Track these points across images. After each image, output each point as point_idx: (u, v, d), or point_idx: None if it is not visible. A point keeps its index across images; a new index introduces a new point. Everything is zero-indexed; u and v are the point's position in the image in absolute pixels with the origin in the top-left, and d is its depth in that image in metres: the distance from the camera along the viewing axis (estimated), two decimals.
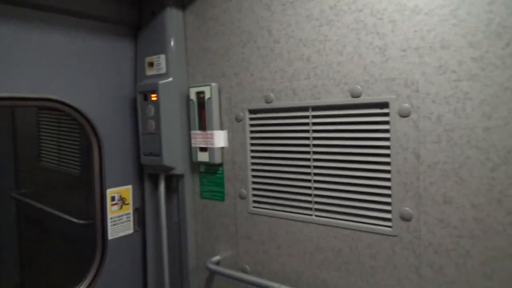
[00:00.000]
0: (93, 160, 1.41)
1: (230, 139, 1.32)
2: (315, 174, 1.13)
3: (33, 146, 2.31)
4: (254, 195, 1.28)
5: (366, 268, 1.04)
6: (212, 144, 1.32)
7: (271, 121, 1.21)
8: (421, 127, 0.93)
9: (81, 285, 1.39)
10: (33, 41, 1.21)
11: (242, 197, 1.30)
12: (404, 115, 0.95)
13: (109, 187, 1.44)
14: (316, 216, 1.13)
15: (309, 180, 1.14)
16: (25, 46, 1.19)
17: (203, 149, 1.36)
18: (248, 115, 1.26)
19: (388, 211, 1.00)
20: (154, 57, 1.41)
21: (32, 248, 2.38)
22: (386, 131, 0.99)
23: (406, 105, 0.95)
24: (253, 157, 1.27)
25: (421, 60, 0.92)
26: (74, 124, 1.92)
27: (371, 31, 0.99)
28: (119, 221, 1.48)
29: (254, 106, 1.24)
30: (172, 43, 1.38)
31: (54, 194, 2.21)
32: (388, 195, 1.00)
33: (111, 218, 1.45)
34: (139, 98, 1.41)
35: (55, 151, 2.15)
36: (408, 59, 0.94)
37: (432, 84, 0.91)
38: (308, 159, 1.14)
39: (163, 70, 1.39)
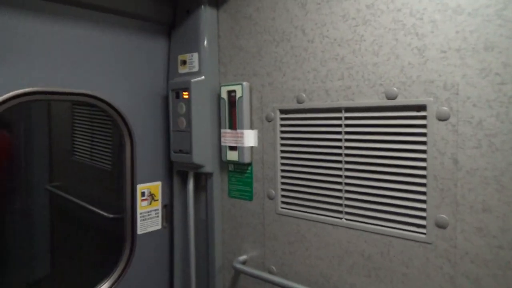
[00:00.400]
0: (125, 155, 1.44)
1: (260, 139, 1.31)
2: (346, 176, 1.11)
3: (67, 141, 2.38)
4: (283, 196, 1.27)
5: (398, 275, 1.01)
6: (242, 143, 1.32)
7: (302, 121, 1.20)
8: (460, 132, 0.90)
9: (110, 277, 1.42)
10: (71, 37, 1.25)
11: (270, 197, 1.29)
12: (442, 118, 0.92)
13: (140, 183, 1.46)
14: (346, 219, 1.11)
15: (340, 183, 1.12)
16: (63, 42, 1.23)
17: (232, 148, 1.36)
18: (279, 115, 1.25)
19: (423, 218, 0.97)
20: (187, 55, 1.42)
21: (62, 239, 2.45)
22: (423, 134, 0.96)
23: (445, 108, 0.91)
24: (282, 158, 1.26)
25: (463, 62, 0.89)
26: (107, 120, 1.96)
27: (410, 31, 0.96)
28: (148, 217, 1.51)
29: (285, 106, 1.23)
30: (205, 42, 1.39)
31: (86, 187, 2.27)
32: (423, 201, 0.96)
33: (141, 213, 1.48)
34: (171, 95, 1.43)
35: (88, 146, 2.21)
36: (448, 60, 0.91)
37: (474, 87, 0.87)
38: (340, 161, 1.12)
39: (196, 68, 1.40)
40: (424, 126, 0.95)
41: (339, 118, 1.11)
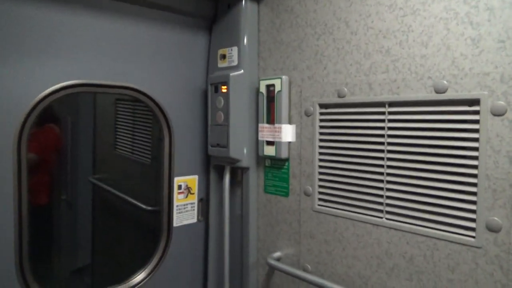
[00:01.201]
0: (164, 148, 1.47)
1: (298, 134, 1.29)
2: (388, 174, 1.05)
3: (109, 135, 2.46)
4: (320, 193, 1.23)
5: (443, 281, 0.95)
6: (280, 138, 1.30)
7: (343, 116, 1.16)
8: None
9: (146, 268, 1.44)
10: (115, 32, 1.28)
11: (307, 194, 1.26)
12: (497, 113, 0.85)
13: (177, 176, 1.48)
14: (387, 219, 1.06)
15: (381, 181, 1.07)
16: (108, 36, 1.27)
17: (270, 143, 1.34)
18: (318, 110, 1.22)
19: (472, 220, 0.90)
20: (227, 49, 1.42)
21: (103, 229, 2.54)
22: (475, 130, 0.89)
23: (501, 102, 0.84)
24: (321, 153, 1.23)
25: None
26: (148, 115, 2.01)
27: (464, 20, 0.90)
28: (184, 210, 1.52)
29: (325, 100, 1.20)
30: (245, 36, 1.38)
31: (126, 180, 2.34)
32: (473, 202, 0.90)
33: (177, 206, 1.49)
34: (210, 89, 1.43)
35: (129, 140, 2.27)
36: (506, 51, 0.84)
37: None
38: (382, 158, 1.07)
39: (235, 63, 1.40)
40: (476, 121, 0.89)
41: (383, 113, 1.06)
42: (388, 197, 1.06)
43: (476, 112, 0.89)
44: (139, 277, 1.41)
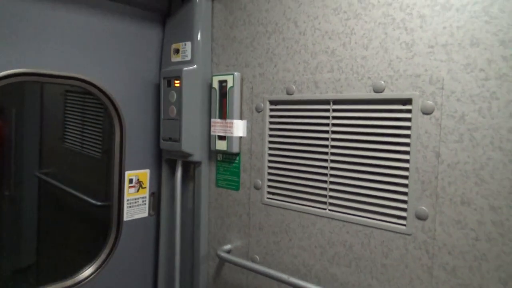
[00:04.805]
0: (115, 142, 1.45)
1: (249, 129, 1.32)
2: (332, 168, 1.12)
3: (58, 128, 2.37)
4: (269, 186, 1.28)
5: (377, 266, 1.03)
6: (231, 133, 1.33)
7: (291, 113, 1.21)
8: (443, 125, 0.91)
9: (94, 263, 1.42)
10: (65, 21, 1.25)
11: (257, 188, 1.30)
12: (427, 112, 0.94)
13: (128, 170, 1.46)
14: (330, 210, 1.13)
15: (325, 174, 1.14)
16: (57, 24, 1.23)
17: (221, 138, 1.37)
18: (268, 106, 1.27)
19: (404, 209, 0.98)
20: (181, 44, 1.43)
21: (50, 226, 2.44)
22: (407, 127, 0.97)
23: (430, 102, 0.93)
24: (270, 148, 1.28)
25: (449, 57, 0.91)
26: (98, 107, 1.96)
27: (399, 26, 0.98)
28: (135, 204, 1.51)
29: (275, 97, 1.24)
30: (199, 31, 1.40)
31: (75, 175, 2.26)
32: (405, 193, 0.98)
33: (128, 200, 1.48)
34: (163, 83, 1.43)
35: (79, 133, 2.20)
36: (435, 55, 0.93)
37: (458, 82, 0.89)
38: (326, 153, 1.13)
39: (188, 58, 1.41)
40: (409, 119, 0.97)
41: (327, 110, 1.13)
42: (331, 190, 1.12)
43: (409, 111, 0.97)
44: (87, 272, 1.39)
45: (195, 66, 1.39)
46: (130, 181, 1.49)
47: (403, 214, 0.98)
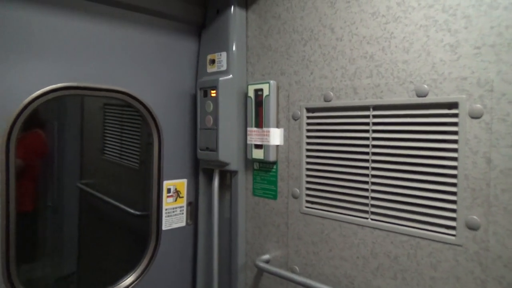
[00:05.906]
0: (153, 152, 1.48)
1: (286, 138, 1.31)
2: (373, 176, 1.09)
3: (97, 140, 2.45)
4: (308, 195, 1.26)
5: (425, 279, 0.98)
6: (268, 141, 1.33)
7: (329, 120, 1.19)
8: (494, 130, 0.86)
9: (134, 272, 1.44)
10: (105, 36, 1.30)
11: (295, 197, 1.29)
12: (475, 116, 0.89)
13: (166, 179, 1.49)
14: (372, 219, 1.09)
15: (366, 182, 1.10)
16: (97, 40, 1.28)
17: (258, 146, 1.37)
18: (305, 114, 1.25)
19: (453, 219, 0.93)
20: (216, 54, 1.45)
21: (91, 236, 2.51)
22: (454, 133, 0.93)
23: (478, 105, 0.89)
24: (308, 156, 1.26)
25: (498, 58, 0.86)
26: (136, 119, 2.02)
27: (442, 27, 0.95)
28: (173, 213, 1.53)
29: (312, 104, 1.23)
30: (234, 41, 1.41)
31: (114, 186, 2.32)
32: (453, 202, 0.93)
33: (166, 209, 1.50)
34: (199, 94, 1.45)
35: (117, 145, 2.26)
36: (482, 57, 0.88)
37: (509, 83, 0.84)
38: (367, 160, 1.10)
39: (224, 67, 1.42)
40: (455, 124, 0.93)
41: (367, 117, 1.10)
42: (373, 198, 1.09)
43: (455, 115, 0.93)
44: (128, 280, 1.42)
45: (231, 75, 1.40)
46: (168, 190, 1.51)
47: (452, 223, 0.93)
